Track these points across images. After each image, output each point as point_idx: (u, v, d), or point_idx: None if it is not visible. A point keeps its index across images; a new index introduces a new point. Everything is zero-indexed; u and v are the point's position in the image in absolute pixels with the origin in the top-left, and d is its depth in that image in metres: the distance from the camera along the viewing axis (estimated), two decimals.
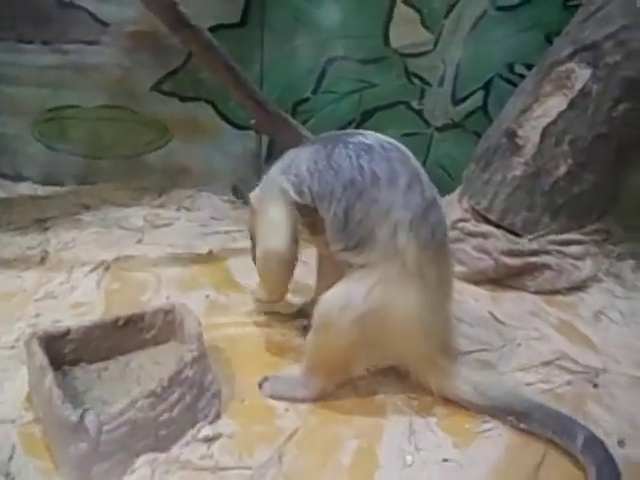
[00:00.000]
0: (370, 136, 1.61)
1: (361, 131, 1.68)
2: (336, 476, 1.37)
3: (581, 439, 1.44)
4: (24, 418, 1.46)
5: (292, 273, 1.75)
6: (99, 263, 2.31)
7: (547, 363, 1.83)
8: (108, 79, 2.93)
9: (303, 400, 1.59)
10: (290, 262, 1.70)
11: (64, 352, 1.58)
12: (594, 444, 1.45)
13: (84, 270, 2.26)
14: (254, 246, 1.85)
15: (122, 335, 1.66)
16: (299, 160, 1.65)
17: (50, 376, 1.36)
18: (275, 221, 1.65)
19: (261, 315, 2.02)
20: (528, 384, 1.73)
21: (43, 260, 2.35)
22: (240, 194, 1.98)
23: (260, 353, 1.82)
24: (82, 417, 1.24)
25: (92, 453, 1.25)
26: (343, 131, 1.79)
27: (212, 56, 2.27)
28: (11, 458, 1.34)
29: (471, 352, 1.86)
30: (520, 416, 1.52)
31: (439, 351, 1.58)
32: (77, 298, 2.08)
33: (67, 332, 1.59)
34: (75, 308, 2.01)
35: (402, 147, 1.62)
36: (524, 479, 1.41)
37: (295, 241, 1.67)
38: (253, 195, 1.82)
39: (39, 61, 2.89)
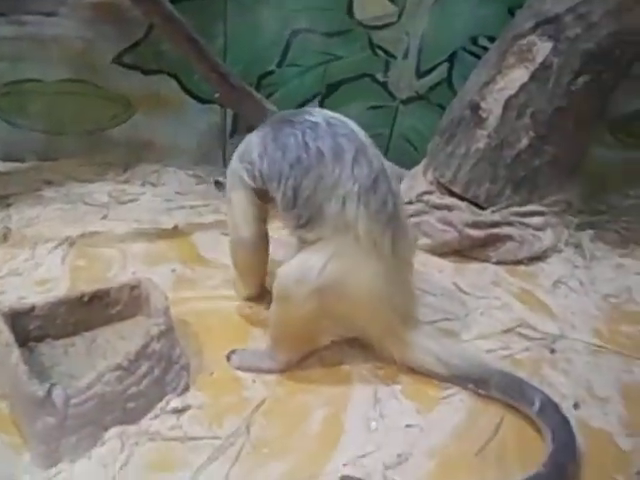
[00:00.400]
0: (317, 113, 1.61)
1: (309, 109, 1.70)
2: (303, 443, 1.41)
3: (538, 403, 1.50)
4: None
5: (264, 264, 1.81)
6: (63, 239, 2.29)
7: (507, 331, 1.89)
8: (68, 52, 2.86)
9: (269, 371, 1.63)
10: (258, 250, 1.75)
11: (29, 328, 1.58)
12: (550, 408, 1.51)
13: (48, 246, 2.24)
14: None
15: (88, 311, 1.66)
16: (251, 145, 1.67)
17: (16, 352, 1.36)
18: (238, 210, 1.70)
19: (229, 289, 2.03)
20: (489, 351, 1.78)
21: (6, 237, 2.31)
22: (222, 187, 1.97)
23: (228, 326, 1.84)
24: (49, 392, 1.25)
25: (60, 427, 1.26)
26: (291, 111, 1.78)
27: (174, 28, 2.24)
28: None
29: (435, 321, 1.91)
30: (479, 383, 1.59)
31: (400, 321, 1.61)
32: (42, 275, 2.06)
33: (32, 308, 1.58)
34: (40, 285, 1.99)
35: (349, 122, 1.60)
36: (482, 441, 1.46)
37: (260, 228, 1.71)
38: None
39: None
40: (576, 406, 1.62)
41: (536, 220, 2.42)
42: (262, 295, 1.92)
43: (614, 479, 1.40)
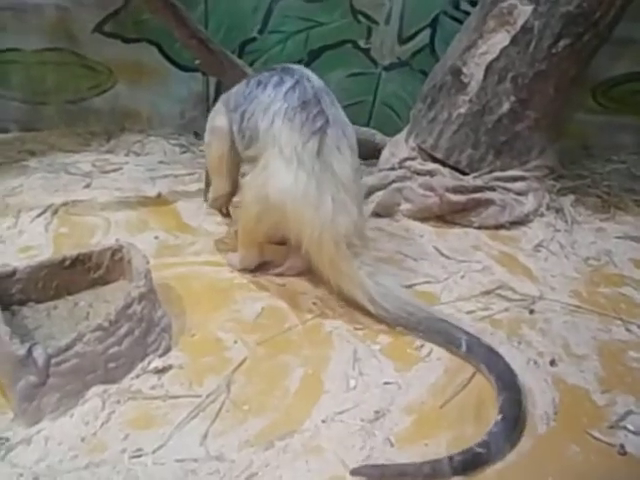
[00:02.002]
0: (288, 67, 1.84)
1: (290, 65, 1.88)
2: (282, 401, 1.43)
3: (464, 345, 1.58)
4: None
5: (236, 163, 1.99)
6: (47, 207, 2.30)
7: (487, 292, 1.92)
8: (48, 21, 2.84)
9: (235, 267, 1.94)
10: (228, 140, 1.92)
11: (11, 292, 1.59)
12: (476, 346, 1.58)
13: (31, 215, 2.24)
14: (207, 186, 2.16)
15: (70, 275, 1.67)
16: (231, 91, 1.97)
17: None
18: (214, 111, 2.01)
19: (211, 255, 2.04)
20: (468, 312, 1.81)
21: None
22: (201, 137, 2.20)
23: (210, 290, 1.85)
24: (30, 351, 1.27)
25: (41, 385, 1.28)
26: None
27: None
28: None
29: (415, 285, 1.93)
30: (407, 327, 1.68)
31: (334, 243, 1.66)
32: (25, 242, 2.07)
33: (13, 272, 1.59)
34: (24, 252, 2.00)
35: (307, 71, 1.82)
36: (457, 397, 1.49)
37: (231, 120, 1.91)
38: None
39: None
40: (552, 363, 1.65)
41: (518, 185, 2.44)
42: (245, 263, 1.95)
43: (589, 434, 1.43)
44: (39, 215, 2.24)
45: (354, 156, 1.74)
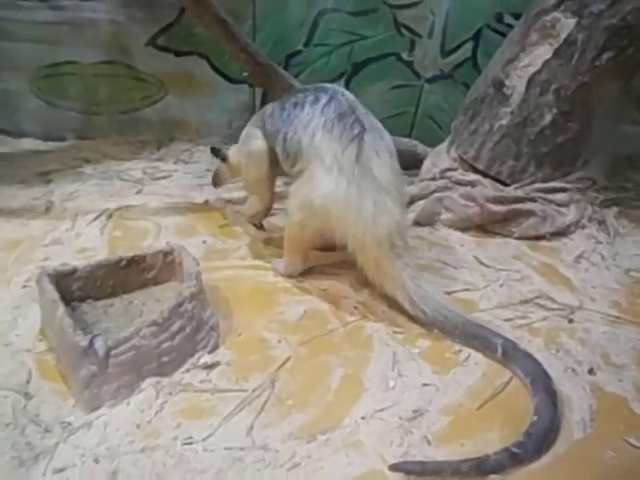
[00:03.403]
0: (320, 86, 1.95)
1: (323, 84, 1.98)
2: (324, 397, 1.49)
3: (500, 349, 1.62)
4: (38, 348, 1.59)
5: (272, 179, 2.14)
6: (102, 212, 2.42)
7: (526, 301, 1.94)
8: (104, 35, 2.99)
9: (280, 273, 2.01)
10: (265, 161, 2.05)
11: (72, 289, 1.70)
12: (513, 351, 1.61)
13: (88, 218, 2.37)
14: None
15: (125, 275, 1.78)
16: (267, 109, 2.09)
17: (61, 308, 1.48)
18: (252, 135, 2.12)
19: (257, 259, 2.13)
20: (506, 320, 1.84)
21: (48, 210, 2.45)
22: (218, 153, 2.32)
23: (255, 292, 1.93)
24: (91, 342, 1.36)
25: (101, 374, 1.37)
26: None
27: (204, 10, 2.32)
28: (29, 381, 1.47)
29: (454, 292, 1.97)
30: (444, 330, 1.73)
31: (377, 244, 1.73)
32: (82, 244, 2.19)
33: (74, 270, 1.70)
34: (80, 253, 2.12)
35: (340, 88, 1.94)
36: (494, 400, 1.52)
37: (268, 144, 2.04)
38: (231, 150, 2.30)
39: (36, 17, 2.94)
40: (591, 371, 1.66)
41: (559, 196, 2.45)
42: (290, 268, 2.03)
43: (626, 440, 1.44)
44: (95, 219, 2.37)
45: (393, 159, 1.82)
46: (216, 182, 2.44)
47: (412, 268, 1.78)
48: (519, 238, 2.36)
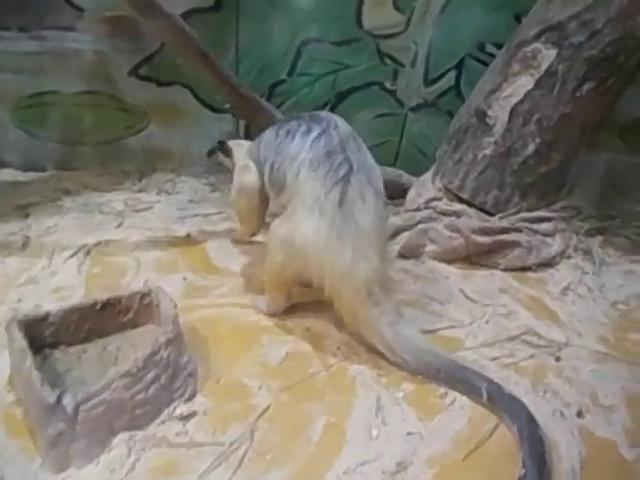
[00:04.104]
0: (316, 114, 1.89)
1: (319, 112, 1.95)
2: (305, 449, 1.44)
3: (485, 393, 1.57)
4: (6, 400, 1.52)
5: (262, 208, 2.13)
6: (80, 247, 2.36)
7: (512, 338, 1.91)
8: (86, 65, 2.96)
9: (262, 312, 1.97)
10: (260, 196, 2.04)
11: (44, 335, 1.63)
12: (496, 394, 1.57)
13: (65, 255, 2.31)
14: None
15: (100, 318, 1.71)
16: (264, 144, 1.99)
17: (30, 359, 1.41)
18: (245, 168, 2.09)
19: (238, 296, 2.08)
20: (493, 359, 1.80)
21: (24, 245, 2.39)
22: (214, 154, 2.38)
23: (236, 333, 1.88)
24: (59, 398, 1.30)
25: (70, 432, 1.31)
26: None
27: (186, 44, 2.31)
28: None
29: (439, 329, 1.93)
30: (428, 376, 1.68)
31: (354, 290, 1.69)
32: (58, 282, 2.13)
33: (46, 316, 1.64)
34: (56, 292, 2.06)
35: (336, 117, 1.87)
36: (481, 448, 1.48)
37: (259, 179, 2.01)
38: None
39: (17, 47, 2.91)
40: (580, 414, 1.62)
41: (544, 226, 2.44)
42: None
43: None
44: (72, 255, 2.31)
45: (378, 203, 1.75)
46: (211, 154, 2.49)
47: (390, 314, 1.72)
48: (505, 270, 2.33)
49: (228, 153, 2.35)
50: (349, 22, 2.77)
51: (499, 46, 2.64)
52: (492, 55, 2.70)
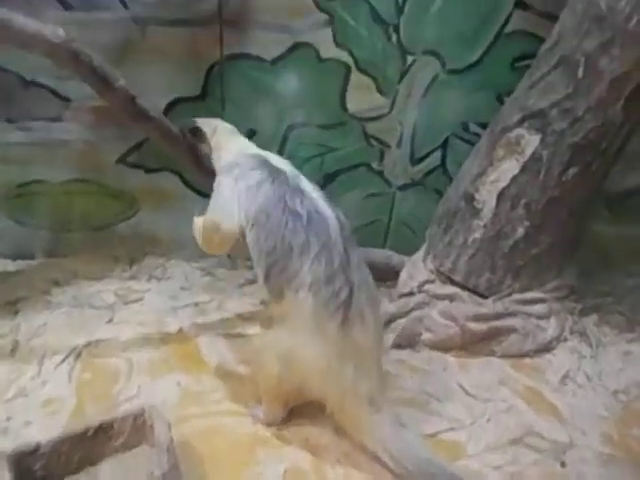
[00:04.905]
0: (307, 200, 1.80)
1: (305, 187, 1.86)
2: None
3: None
4: None
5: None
6: (70, 350, 2.32)
7: (515, 441, 1.87)
8: (74, 154, 2.95)
9: (261, 422, 1.93)
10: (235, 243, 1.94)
11: (34, 469, 1.59)
12: None
13: (55, 360, 2.27)
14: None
15: (92, 445, 1.68)
16: (251, 195, 1.87)
17: None
18: (227, 210, 1.90)
19: (234, 403, 2.04)
20: (496, 467, 1.76)
21: (13, 351, 2.35)
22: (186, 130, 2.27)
23: (233, 447, 1.84)
24: None
25: None
26: (291, 182, 1.88)
27: (172, 142, 2.32)
28: None
29: (439, 432, 1.90)
30: None
31: (357, 402, 1.70)
32: (48, 393, 2.08)
33: (37, 448, 1.60)
34: (46, 406, 2.02)
35: (331, 216, 1.79)
36: None
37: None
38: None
39: (5, 138, 2.91)
40: None
41: (538, 307, 2.43)
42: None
43: None
44: (63, 360, 2.26)
45: (377, 321, 1.79)
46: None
47: (391, 418, 1.73)
48: (502, 357, 2.31)
49: (203, 139, 2.25)
50: (334, 106, 2.80)
51: (483, 125, 2.68)
52: (476, 134, 2.73)
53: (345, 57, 2.71)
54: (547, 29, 2.39)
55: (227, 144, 2.19)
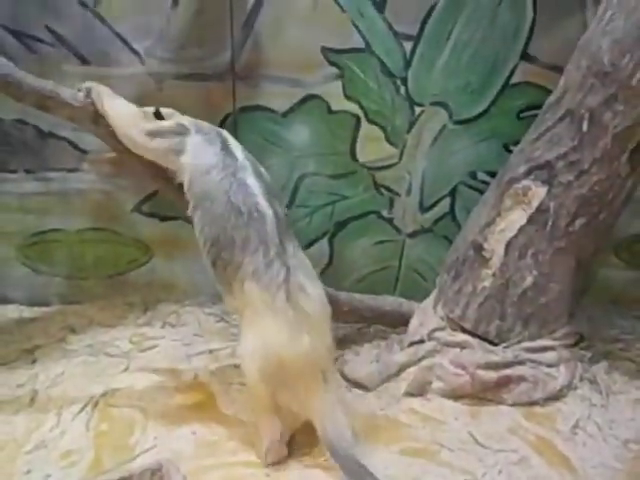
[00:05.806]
0: (249, 198, 1.97)
1: (250, 182, 2.00)
2: None
3: None
4: None
5: None
6: (88, 400, 2.37)
7: None
8: (90, 203, 3.06)
9: (264, 461, 2.00)
10: None
11: None
12: None
13: (73, 410, 2.31)
14: None
15: None
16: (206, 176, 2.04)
17: None
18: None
19: (248, 452, 2.07)
20: None
21: (32, 400, 2.39)
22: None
23: None
24: None
25: None
26: (238, 185, 2.00)
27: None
28: None
29: None
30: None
31: (314, 377, 1.89)
32: (67, 445, 2.12)
33: None
34: (65, 458, 2.05)
35: (267, 213, 1.95)
36: None
37: None
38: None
39: (23, 189, 3.02)
40: None
41: (548, 355, 2.44)
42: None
43: None
44: (81, 410, 2.31)
45: (320, 295, 1.97)
46: None
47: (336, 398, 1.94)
48: (512, 405, 2.33)
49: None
50: (344, 156, 2.88)
51: (490, 174, 2.75)
52: (484, 182, 2.80)
53: (355, 109, 2.81)
54: (552, 81, 2.48)
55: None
